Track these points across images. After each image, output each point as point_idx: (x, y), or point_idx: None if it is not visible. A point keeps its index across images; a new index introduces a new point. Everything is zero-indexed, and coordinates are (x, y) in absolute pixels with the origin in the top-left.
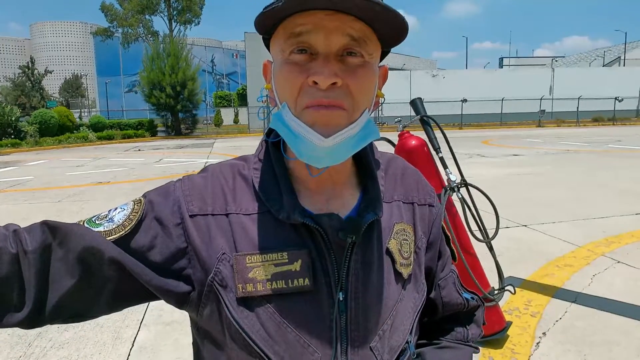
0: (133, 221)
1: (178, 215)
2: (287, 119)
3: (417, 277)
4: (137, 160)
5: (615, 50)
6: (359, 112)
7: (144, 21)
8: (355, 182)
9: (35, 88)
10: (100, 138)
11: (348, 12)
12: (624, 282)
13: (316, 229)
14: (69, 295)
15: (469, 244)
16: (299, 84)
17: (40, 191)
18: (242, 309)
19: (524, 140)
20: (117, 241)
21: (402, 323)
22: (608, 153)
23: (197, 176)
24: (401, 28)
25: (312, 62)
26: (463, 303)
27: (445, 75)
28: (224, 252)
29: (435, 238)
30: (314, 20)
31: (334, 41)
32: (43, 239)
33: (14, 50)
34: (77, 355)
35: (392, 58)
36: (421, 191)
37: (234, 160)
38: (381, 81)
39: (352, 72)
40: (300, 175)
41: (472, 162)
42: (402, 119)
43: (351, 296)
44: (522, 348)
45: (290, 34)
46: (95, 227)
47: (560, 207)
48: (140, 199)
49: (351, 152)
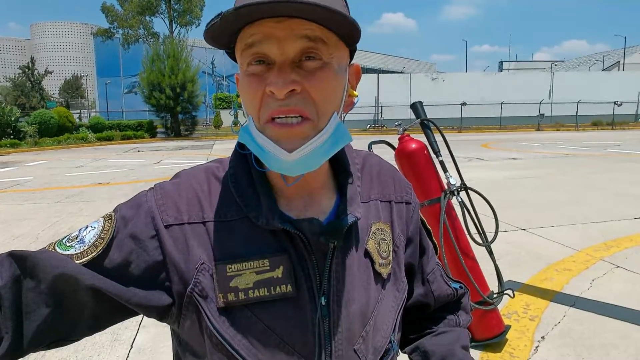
0: (105, 240)
1: (152, 227)
2: (253, 133)
3: (396, 275)
4: (136, 161)
5: (614, 54)
6: (326, 117)
7: (144, 22)
8: (332, 184)
9: (35, 88)
10: (100, 139)
11: (297, 16)
12: (622, 287)
13: (297, 234)
14: (46, 324)
15: (468, 247)
16: (259, 96)
17: (39, 192)
18: (224, 319)
19: (523, 144)
20: (89, 263)
21: (383, 323)
22: (607, 157)
23: (169, 183)
24: (350, 27)
25: (269, 72)
26: (453, 293)
27: (444, 78)
28: (203, 261)
29: (413, 234)
30: (263, 30)
31: (288, 48)
32: (12, 272)
33: (14, 51)
34: (75, 357)
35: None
36: (398, 188)
37: (208, 163)
38: (354, 80)
39: (311, 76)
40: (276, 183)
41: (471, 166)
42: (402, 122)
43: (333, 300)
44: (520, 352)
45: (244, 46)
46: (66, 249)
47: (560, 211)
48: (111, 214)
49: (323, 159)
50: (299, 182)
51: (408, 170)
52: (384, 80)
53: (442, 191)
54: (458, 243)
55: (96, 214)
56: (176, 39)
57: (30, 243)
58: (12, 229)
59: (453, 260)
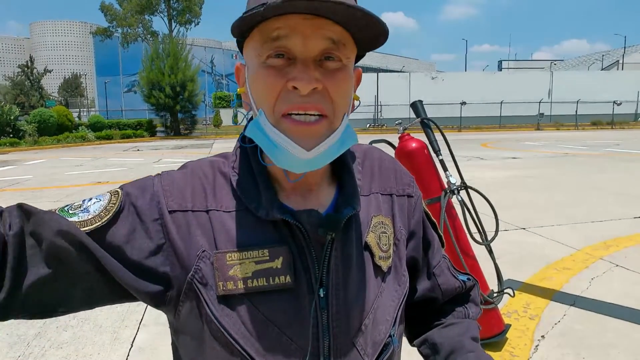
0: (110, 212)
1: (157, 210)
2: (265, 128)
3: (397, 269)
4: (136, 160)
5: (614, 54)
6: (340, 117)
7: (143, 21)
8: (331, 177)
9: (35, 87)
10: (99, 138)
11: (327, 16)
12: (622, 286)
13: (296, 225)
14: (41, 284)
15: (468, 246)
16: (277, 89)
17: (39, 190)
18: (223, 307)
19: (522, 144)
20: (92, 232)
21: (383, 317)
22: (606, 156)
23: (177, 172)
24: (381, 33)
25: (291, 67)
26: (461, 285)
27: (444, 77)
28: (204, 249)
29: (416, 228)
30: (291, 24)
31: (313, 46)
32: (21, 224)
33: (14, 49)
34: (75, 355)
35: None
36: (399, 182)
37: (213, 157)
38: (356, 84)
39: (331, 77)
40: (276, 177)
41: (471, 165)
42: (402, 121)
43: (332, 292)
44: (520, 351)
45: (267, 38)
46: (69, 216)
47: (559, 210)
48: (117, 190)
49: (331, 158)
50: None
51: (408, 169)
52: (383, 79)
53: (442, 190)
54: (458, 242)
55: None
56: (175, 38)
57: None
58: None
59: (453, 259)
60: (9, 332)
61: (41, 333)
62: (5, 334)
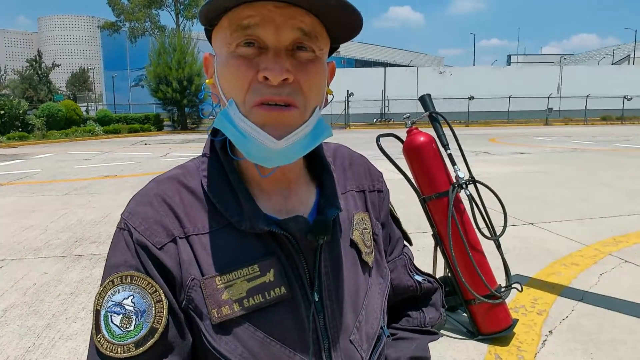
0: (163, 317)
1: (157, 259)
2: (234, 118)
3: (379, 262)
4: (143, 154)
5: (624, 48)
6: (310, 109)
7: (150, 15)
8: (308, 177)
9: (43, 81)
10: (107, 132)
11: (299, 5)
12: (631, 281)
13: (284, 235)
14: None
15: (476, 240)
16: (248, 80)
17: (47, 184)
18: (221, 336)
19: (531, 139)
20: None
21: (373, 310)
22: (616, 152)
23: (142, 207)
24: (355, 24)
25: (262, 56)
26: (414, 285)
27: (452, 72)
28: (194, 277)
29: (384, 222)
30: (262, 13)
31: (284, 35)
32: None
33: (22, 44)
34: (85, 346)
35: (399, 54)
36: (370, 177)
37: (172, 173)
38: (330, 77)
39: (303, 68)
40: (252, 177)
41: (478, 160)
42: (410, 115)
43: (326, 295)
44: (528, 346)
45: (237, 27)
46: None
47: (568, 206)
48: (158, 293)
49: (303, 152)
50: (276, 174)
51: (416, 163)
52: (390, 74)
53: (450, 184)
54: (466, 236)
55: (104, 206)
56: (182, 32)
57: (40, 234)
58: (22, 220)
59: (461, 253)
60: (20, 323)
61: (51, 324)
62: (16, 325)
